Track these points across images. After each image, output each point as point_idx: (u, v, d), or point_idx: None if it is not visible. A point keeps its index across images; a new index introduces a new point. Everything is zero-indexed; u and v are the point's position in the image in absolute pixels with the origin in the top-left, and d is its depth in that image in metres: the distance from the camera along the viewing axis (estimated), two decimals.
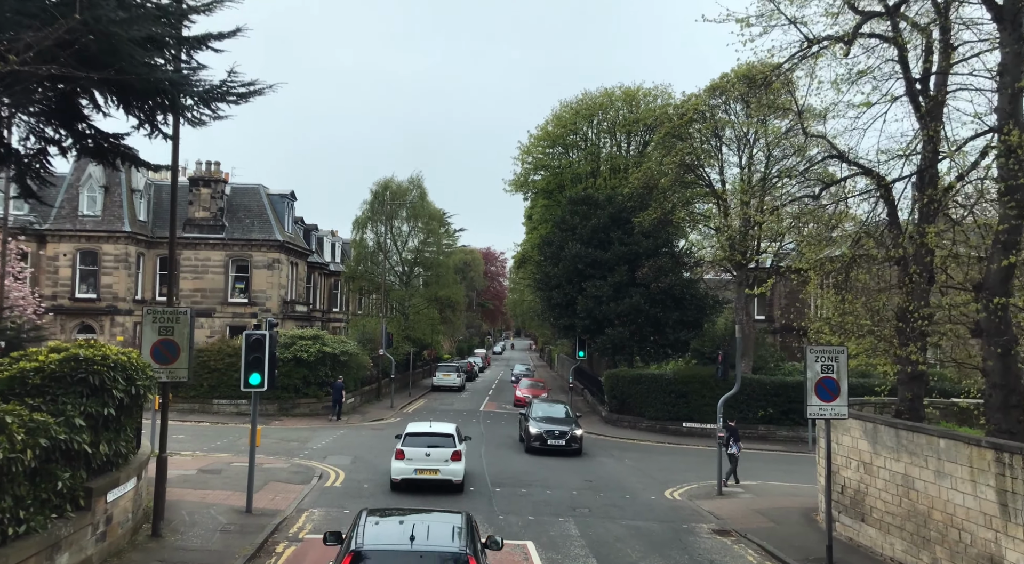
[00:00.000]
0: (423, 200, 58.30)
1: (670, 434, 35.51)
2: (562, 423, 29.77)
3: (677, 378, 35.62)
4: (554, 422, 29.80)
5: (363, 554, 8.78)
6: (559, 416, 30.65)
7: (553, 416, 30.54)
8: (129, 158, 13.70)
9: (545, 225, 50.90)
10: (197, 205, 49.90)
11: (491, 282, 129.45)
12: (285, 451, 27.18)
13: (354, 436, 31.98)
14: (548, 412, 31.02)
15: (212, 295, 49.46)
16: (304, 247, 55.19)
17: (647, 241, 39.85)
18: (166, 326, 15.42)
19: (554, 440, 28.72)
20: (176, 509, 17.32)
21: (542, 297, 43.28)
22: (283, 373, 36.07)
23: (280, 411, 36.56)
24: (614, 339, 39.11)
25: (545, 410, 31.26)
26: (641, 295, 38.79)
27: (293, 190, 54.03)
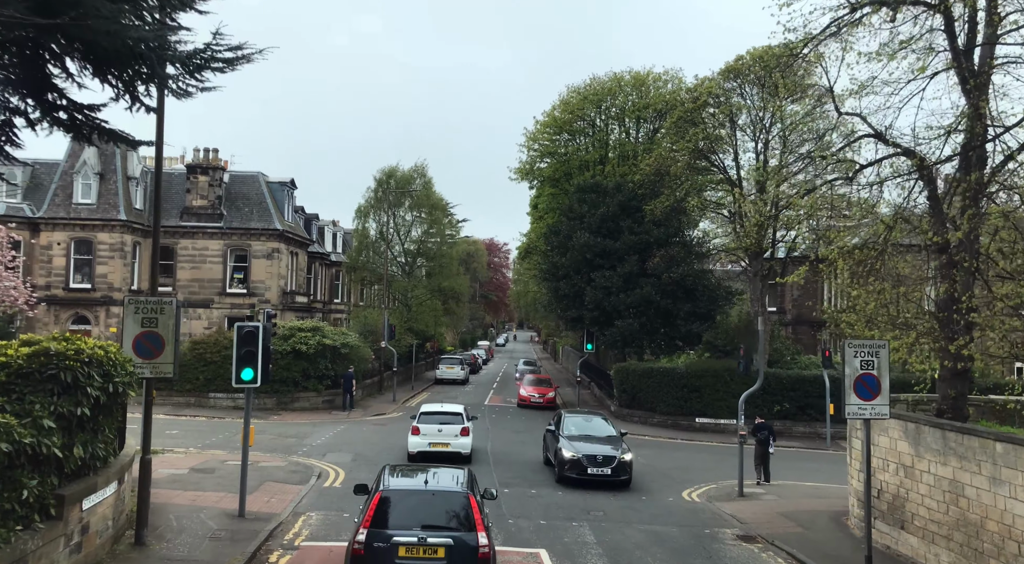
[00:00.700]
0: (427, 189, 57.01)
1: (682, 430, 34.33)
2: (605, 443, 22.33)
3: (690, 372, 34.41)
4: (594, 442, 22.36)
5: (388, 494, 11.67)
6: (600, 434, 23.22)
7: (592, 434, 23.08)
8: (106, 133, 12.42)
9: (552, 214, 49.59)
10: (195, 193, 48.67)
11: (494, 273, 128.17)
12: (283, 448, 26.02)
13: (355, 431, 30.83)
14: (585, 428, 23.51)
15: (210, 285, 48.34)
16: (304, 236, 53.99)
17: (658, 230, 38.57)
18: (149, 317, 14.20)
19: (597, 468, 21.18)
20: (164, 513, 16.15)
21: (549, 288, 42.04)
22: (282, 366, 34.95)
23: (278, 405, 35.40)
24: (624, 331, 37.89)
25: (580, 426, 23.72)
26: (652, 286, 37.53)
27: (293, 178, 52.79)
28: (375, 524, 11.21)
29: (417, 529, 11.13)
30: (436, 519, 11.42)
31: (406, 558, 10.91)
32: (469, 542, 11.07)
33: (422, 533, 11.06)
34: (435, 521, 11.39)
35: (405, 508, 11.59)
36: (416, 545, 10.92)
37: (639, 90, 45.66)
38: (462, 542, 11.06)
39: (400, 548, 10.91)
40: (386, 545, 10.93)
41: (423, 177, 56.71)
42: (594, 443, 22.17)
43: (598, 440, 22.52)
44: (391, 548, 10.91)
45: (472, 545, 11.05)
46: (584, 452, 21.45)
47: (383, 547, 10.93)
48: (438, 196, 57.90)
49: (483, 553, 11.04)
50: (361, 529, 11.17)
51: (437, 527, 11.26)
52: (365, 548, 10.98)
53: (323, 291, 62.47)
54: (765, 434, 23.33)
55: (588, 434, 22.93)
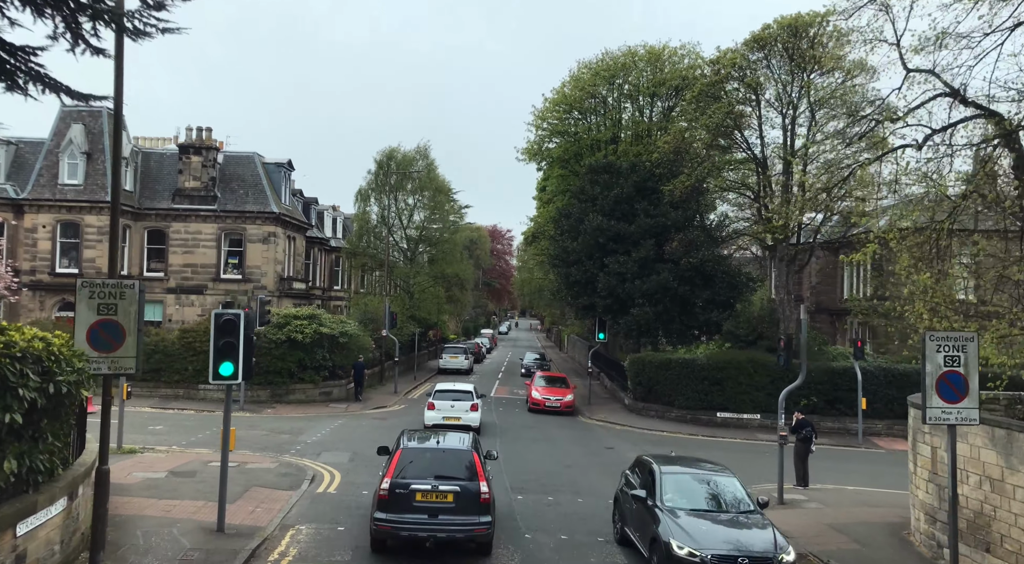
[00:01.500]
0: (430, 171, 54.72)
1: (703, 425, 32.22)
2: (742, 527, 12.96)
3: (711, 363, 32.25)
4: (723, 523, 12.98)
5: (406, 452, 13.93)
6: (729, 505, 13.77)
7: (716, 507, 13.65)
8: (41, 80, 10.25)
9: (562, 196, 47.35)
10: (187, 174, 46.43)
11: (497, 260, 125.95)
12: (274, 446, 23.91)
13: (354, 427, 28.73)
14: (699, 494, 13.86)
15: (203, 271, 46.18)
16: (302, 220, 51.78)
17: (675, 212, 36.34)
18: (107, 304, 12.05)
19: None
20: (130, 528, 14.05)
21: (559, 274, 39.83)
22: (276, 356, 32.86)
23: (273, 398, 33.31)
24: (639, 320, 35.71)
25: (693, 488, 14.01)
26: (670, 272, 35.34)
27: (290, 159, 50.54)
28: (396, 475, 13.40)
29: (431, 479, 13.40)
30: (446, 471, 13.65)
31: (422, 502, 13.16)
32: (473, 489, 13.38)
33: (435, 482, 13.36)
34: (445, 472, 13.60)
35: (421, 462, 13.79)
36: (430, 491, 13.24)
37: (654, 66, 43.25)
38: (467, 489, 13.34)
39: (417, 493, 13.19)
40: (405, 491, 13.18)
41: (426, 159, 54.45)
42: (724, 526, 12.82)
43: (729, 520, 13.16)
44: (410, 494, 13.18)
45: (475, 491, 13.37)
46: (712, 548, 11.98)
47: (403, 493, 13.18)
48: (441, 179, 55.65)
49: (484, 498, 13.36)
50: (385, 479, 13.44)
51: (447, 477, 13.49)
52: (389, 494, 13.22)
53: (322, 278, 60.34)
54: (808, 431, 21.17)
55: (709, 507, 13.60)
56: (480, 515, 13.24)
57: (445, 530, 13.07)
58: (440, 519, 13.11)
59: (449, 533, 13.10)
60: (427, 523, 13.08)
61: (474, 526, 13.17)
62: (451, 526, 13.10)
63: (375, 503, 13.44)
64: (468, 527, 13.16)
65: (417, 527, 13.04)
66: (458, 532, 13.16)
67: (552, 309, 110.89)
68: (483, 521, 13.22)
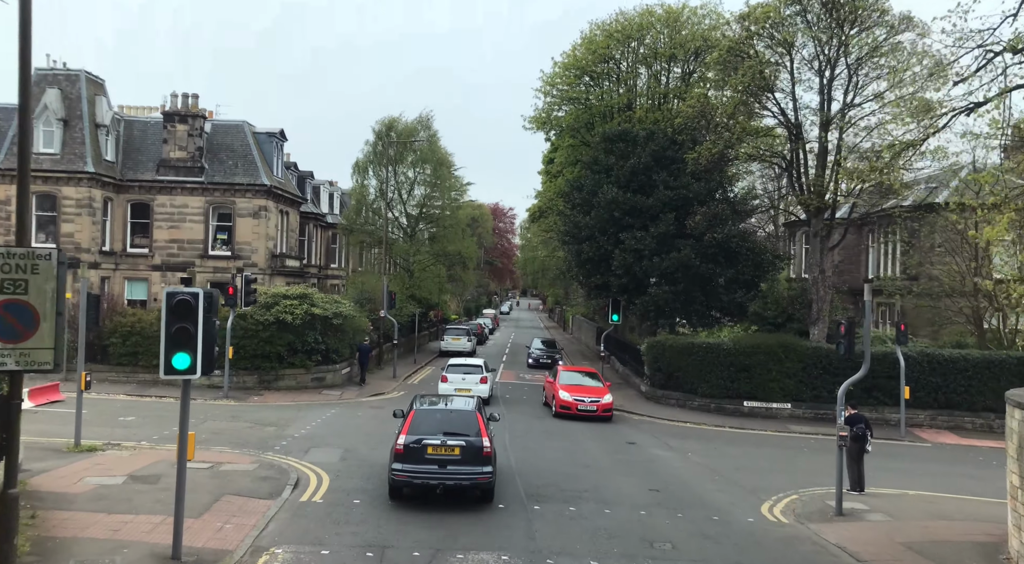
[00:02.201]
0: (433, 143, 51.67)
1: (728, 415, 29.59)
2: None
3: (737, 348, 29.53)
4: None
5: (419, 413, 16.05)
6: None
7: None
8: None
9: (571, 168, 44.46)
10: (172, 144, 43.58)
11: (499, 239, 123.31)
12: (257, 441, 21.26)
13: (348, 417, 26.10)
14: None
15: (190, 247, 43.48)
16: (296, 194, 48.94)
17: (698, 184, 33.52)
18: (13, 279, 9.31)
19: None
20: (63, 555, 11.41)
21: (570, 251, 37.02)
22: (263, 339, 30.18)
23: (260, 384, 30.65)
24: (657, 300, 32.99)
25: None
26: (691, 248, 32.58)
27: (282, 128, 47.60)
28: (411, 432, 15.14)
29: (440, 435, 15.16)
30: (453, 428, 15.38)
31: (432, 454, 14.92)
32: (476, 444, 15.10)
33: (443, 437, 15.09)
34: (452, 430, 15.32)
35: (431, 422, 15.62)
36: (439, 445, 14.96)
37: (672, 27, 40.14)
38: (471, 443, 15.06)
39: (428, 447, 14.92)
40: (418, 446, 14.92)
41: (427, 129, 51.40)
42: None
43: None
44: (422, 448, 14.92)
45: (479, 446, 15.10)
46: None
47: (416, 447, 14.92)
48: (443, 151, 52.60)
49: (486, 452, 15.14)
50: (401, 436, 15.19)
51: (454, 433, 15.22)
52: (404, 449, 14.96)
53: (319, 255, 57.61)
54: (861, 428, 18.53)
55: None
56: (483, 466, 15.17)
57: (453, 478, 14.99)
58: (448, 469, 15.00)
59: (456, 481, 15.04)
60: (437, 473, 14.97)
61: (477, 475, 15.08)
62: (458, 475, 15.01)
63: (392, 457, 15.29)
64: (472, 476, 15.07)
65: (429, 476, 14.96)
66: (464, 480, 15.08)
67: (555, 289, 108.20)
68: (485, 471, 15.17)
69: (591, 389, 28.46)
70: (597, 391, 28.30)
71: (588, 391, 28.15)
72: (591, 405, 27.32)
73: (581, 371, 31.67)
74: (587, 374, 30.80)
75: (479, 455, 15.10)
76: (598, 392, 28.21)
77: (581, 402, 27.36)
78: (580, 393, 27.90)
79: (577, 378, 29.90)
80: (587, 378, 29.99)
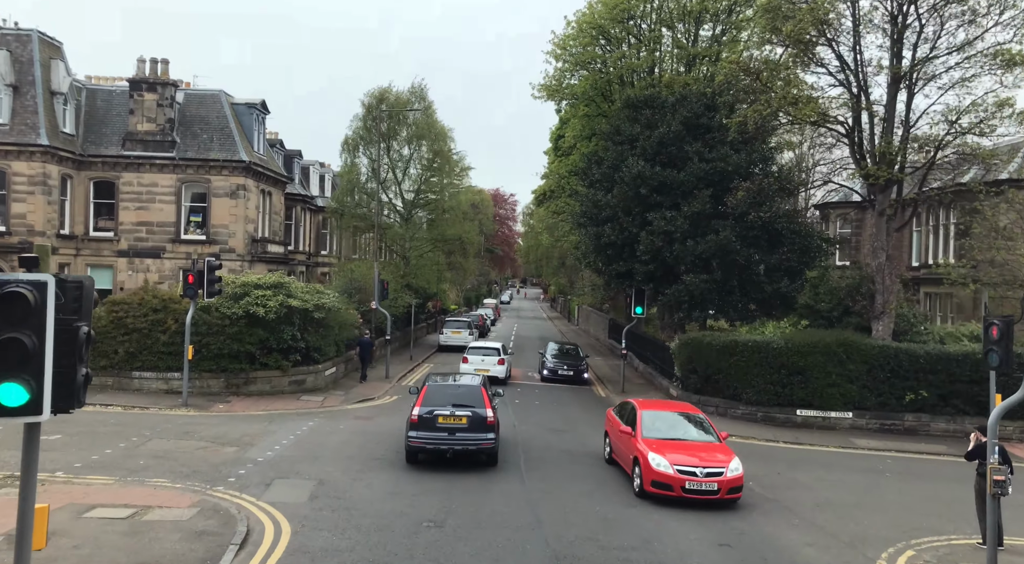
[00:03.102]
0: (429, 116, 46.95)
1: (779, 426, 25.13)
2: None
3: (790, 347, 24.96)
4: None
5: (431, 387, 18.34)
6: None
7: None
8: None
9: (586, 143, 39.83)
10: (139, 115, 38.96)
11: (500, 226, 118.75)
12: (208, 469, 16.73)
13: (327, 431, 21.56)
14: None
15: (161, 230, 38.97)
16: (280, 172, 44.31)
17: (737, 156, 28.95)
18: None
19: None
20: None
21: (587, 235, 32.39)
22: (231, 336, 25.64)
23: (227, 389, 26.09)
24: (691, 291, 28.46)
25: None
26: (731, 230, 28.06)
27: (264, 100, 42.96)
28: (424, 405, 17.66)
29: (449, 406, 17.72)
30: (461, 401, 17.95)
31: (443, 423, 17.46)
32: (481, 414, 17.67)
33: (452, 408, 17.67)
34: (460, 402, 17.89)
35: (442, 395, 18.17)
36: (449, 415, 17.55)
37: None
38: (477, 414, 17.64)
39: (439, 417, 17.50)
40: (430, 416, 17.50)
41: (423, 101, 46.67)
42: None
43: None
44: (434, 418, 17.50)
45: (483, 416, 17.67)
46: None
47: (428, 417, 17.49)
48: (441, 125, 47.82)
49: (489, 421, 17.74)
50: (415, 407, 17.73)
51: (462, 405, 17.77)
52: (418, 418, 17.52)
53: (308, 241, 53.03)
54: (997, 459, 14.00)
55: None
56: (487, 433, 17.48)
57: (460, 444, 17.27)
58: (457, 436, 17.29)
59: (464, 446, 17.29)
60: (447, 439, 17.26)
61: (482, 441, 17.45)
62: (465, 441, 17.30)
63: (408, 426, 17.58)
64: (478, 441, 17.41)
65: (440, 442, 17.28)
66: (470, 445, 17.35)
67: (559, 277, 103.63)
68: (489, 437, 17.51)
69: (701, 448, 16.67)
70: (711, 453, 16.33)
71: (697, 452, 16.30)
72: (708, 481, 15.49)
73: (674, 409, 19.60)
74: (687, 416, 18.56)
75: (483, 424, 17.51)
76: (712, 456, 16.17)
77: (691, 476, 15.51)
78: (685, 455, 16.04)
79: (671, 423, 17.90)
80: (688, 424, 18.02)
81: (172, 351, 25.13)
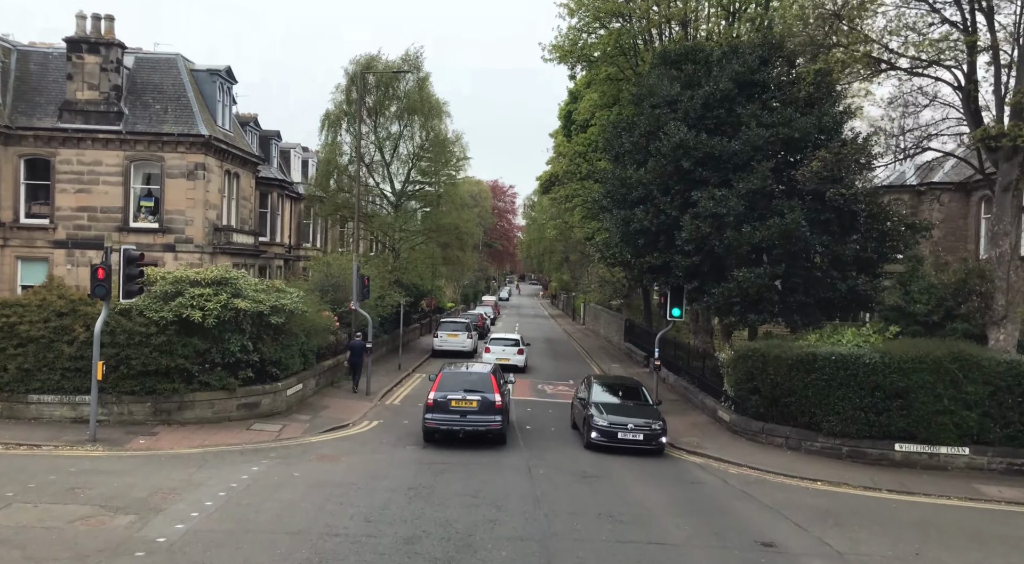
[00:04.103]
0: (422, 88, 40.94)
1: (871, 464, 19.28)
2: None
3: (888, 363, 19.06)
4: None
5: (445, 375, 20.46)
6: None
7: None
8: None
9: (606, 113, 33.90)
10: (80, 81, 32.97)
11: (499, 219, 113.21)
12: (71, 557, 10.84)
13: (274, 483, 15.53)
14: None
15: (105, 217, 33.09)
16: (249, 152, 38.32)
17: (805, 119, 23.04)
18: None
19: None
20: None
21: (613, 220, 26.22)
22: (158, 347, 19.70)
23: (155, 417, 20.10)
24: (746, 289, 22.57)
25: None
26: (800, 212, 22.21)
27: (229, 66, 36.96)
28: (439, 390, 19.66)
29: (462, 391, 19.69)
30: (472, 386, 19.95)
31: (455, 407, 19.40)
32: (490, 398, 19.56)
33: (464, 393, 19.61)
34: (471, 387, 19.90)
35: (455, 381, 20.17)
36: (461, 399, 19.47)
37: None
38: (486, 398, 19.55)
39: (452, 401, 19.44)
40: (444, 400, 19.48)
41: (417, 72, 40.68)
42: None
43: None
44: (447, 401, 19.45)
45: (492, 400, 19.54)
46: None
47: (443, 400, 19.46)
48: (436, 99, 41.77)
49: (498, 405, 19.56)
50: (431, 392, 19.71)
51: (472, 390, 19.73)
52: (434, 402, 19.48)
53: (288, 232, 47.05)
54: None
55: None
56: (495, 415, 19.52)
57: (471, 425, 19.38)
58: (468, 418, 19.39)
59: (474, 426, 19.39)
60: (459, 421, 19.37)
61: (491, 423, 19.47)
62: (475, 423, 19.40)
63: (424, 409, 19.77)
64: (487, 423, 19.45)
65: (452, 423, 19.36)
66: (480, 426, 19.42)
67: (561, 273, 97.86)
68: (497, 420, 19.51)
69: None
70: None
71: None
72: None
73: None
74: None
75: (492, 407, 19.52)
76: None
77: None
78: None
79: None
80: None
81: (81, 367, 19.19)
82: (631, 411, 20.84)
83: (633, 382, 24.09)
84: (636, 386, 23.10)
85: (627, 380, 25.15)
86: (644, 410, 21.05)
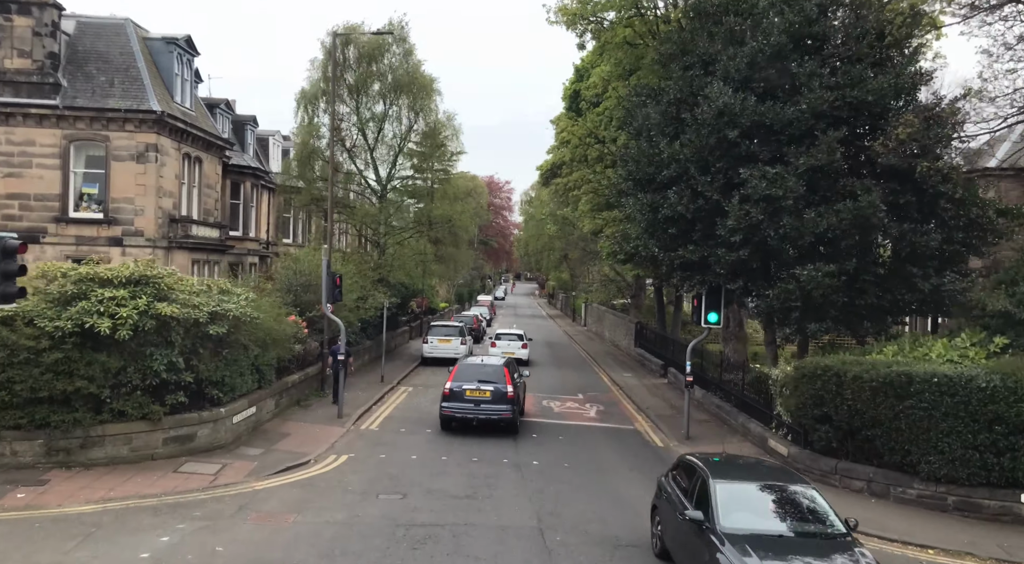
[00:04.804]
0: (409, 62, 36.24)
1: (991, 520, 14.77)
2: None
3: (1010, 388, 14.55)
4: None
5: (460, 366, 22.22)
6: None
7: None
8: None
9: (622, 84, 29.32)
10: (8, 47, 28.48)
11: (495, 216, 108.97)
12: None
13: (204, 557, 11.04)
14: None
15: (40, 206, 28.60)
16: (214, 134, 33.66)
17: (880, 79, 18.47)
18: None
19: None
20: None
21: (637, 207, 21.28)
22: (52, 367, 14.98)
23: (49, 458, 15.27)
24: (808, 290, 18.01)
25: None
26: (877, 193, 17.67)
27: (189, 35, 32.29)
28: (455, 380, 21.01)
29: (476, 382, 20.92)
30: (485, 377, 21.11)
31: (470, 396, 20.69)
32: (502, 389, 20.80)
33: (478, 383, 20.87)
34: (485, 378, 21.06)
35: (470, 372, 21.44)
36: (475, 389, 20.76)
37: None
38: (499, 389, 20.81)
39: (467, 391, 20.74)
40: (459, 389, 20.82)
41: (404, 44, 36.02)
42: None
43: None
44: (462, 391, 20.78)
45: (504, 390, 20.78)
46: None
47: (458, 390, 20.81)
48: (426, 76, 37.03)
49: (509, 395, 20.79)
50: (448, 382, 21.07)
51: (486, 381, 20.96)
52: (450, 391, 20.82)
53: (265, 226, 42.43)
54: None
55: None
56: (506, 405, 20.71)
57: (484, 413, 20.62)
58: (481, 407, 20.64)
59: (487, 415, 20.62)
60: (473, 409, 20.63)
61: (502, 412, 20.66)
62: (488, 411, 20.62)
63: (441, 398, 21.10)
64: (499, 412, 20.65)
65: (467, 411, 20.65)
66: (493, 415, 20.63)
67: (560, 271, 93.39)
68: (508, 408, 20.71)
69: None
70: None
71: None
72: None
73: None
74: None
75: (504, 397, 20.70)
76: None
77: None
78: None
79: None
80: None
81: None
82: (809, 551, 9.95)
83: (786, 473, 12.55)
84: (797, 485, 11.53)
85: (773, 468, 13.72)
86: (830, 547, 10.11)
